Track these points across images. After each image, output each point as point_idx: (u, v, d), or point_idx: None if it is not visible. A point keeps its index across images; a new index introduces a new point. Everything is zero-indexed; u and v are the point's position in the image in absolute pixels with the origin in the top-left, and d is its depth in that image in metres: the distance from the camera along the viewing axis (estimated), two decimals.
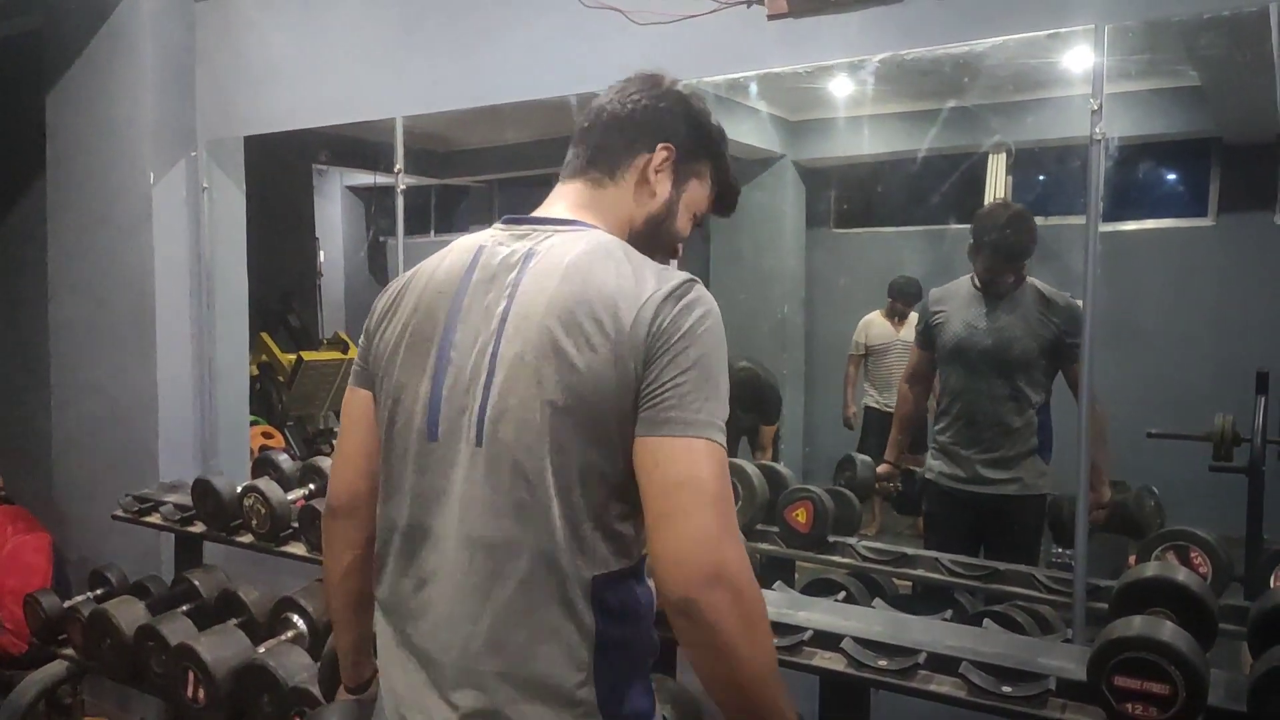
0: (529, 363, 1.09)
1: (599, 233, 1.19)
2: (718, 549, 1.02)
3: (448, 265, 1.22)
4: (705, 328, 1.09)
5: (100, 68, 3.25)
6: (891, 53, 2.14)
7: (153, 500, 2.91)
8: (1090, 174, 1.84)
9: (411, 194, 2.90)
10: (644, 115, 1.24)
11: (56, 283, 3.48)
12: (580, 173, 1.26)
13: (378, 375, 1.24)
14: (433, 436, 1.15)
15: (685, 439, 1.04)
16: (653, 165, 1.23)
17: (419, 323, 1.19)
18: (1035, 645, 1.73)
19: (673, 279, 1.11)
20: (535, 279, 1.13)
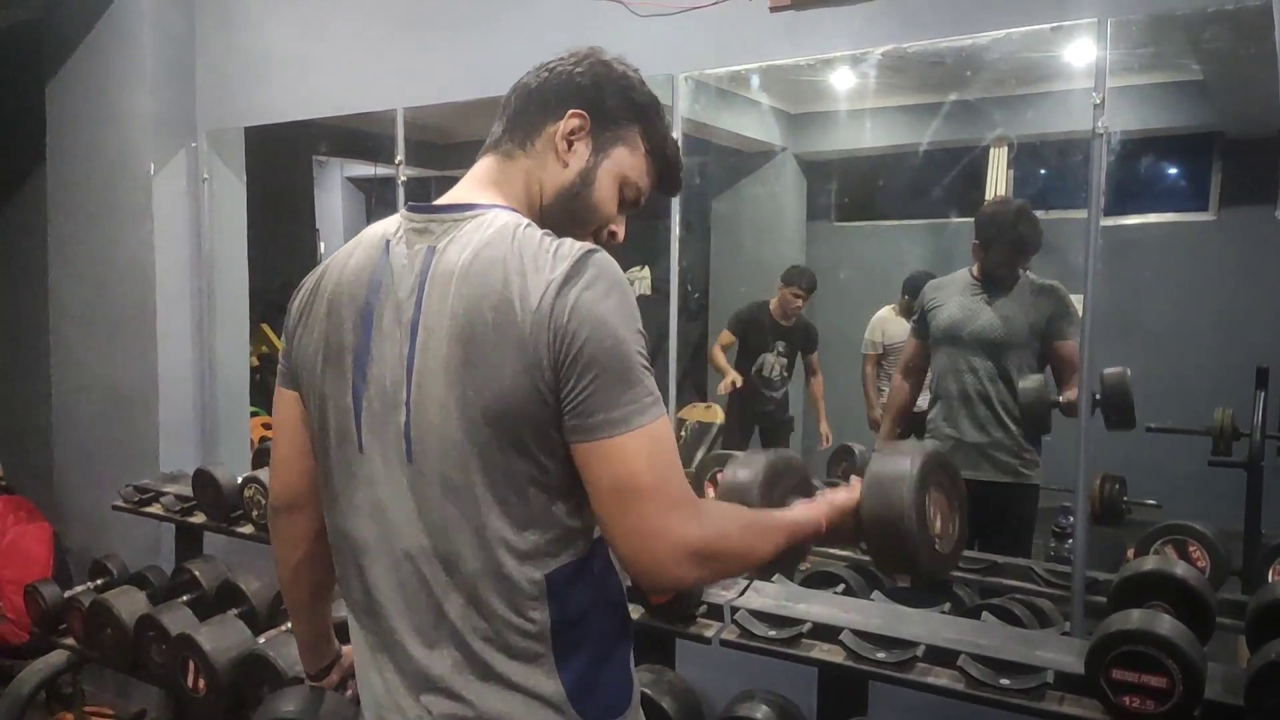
0: (443, 379, 1.05)
1: (498, 215, 1.11)
2: (670, 536, 1.01)
3: (354, 265, 1.16)
4: (605, 307, 1.02)
5: (100, 58, 3.25)
6: (894, 45, 2.13)
7: (153, 491, 2.91)
8: (1092, 168, 1.85)
9: (412, 185, 2.89)
10: (556, 83, 1.18)
11: (57, 273, 3.47)
12: (493, 146, 1.21)
13: (301, 383, 1.21)
14: (361, 449, 1.13)
15: (615, 439, 1.01)
16: (560, 133, 1.16)
17: (330, 332, 1.15)
18: (1033, 638, 1.73)
19: (565, 260, 1.03)
20: (437, 284, 1.08)
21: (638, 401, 1.02)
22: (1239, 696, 1.40)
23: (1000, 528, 2.58)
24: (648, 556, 1.02)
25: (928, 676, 1.64)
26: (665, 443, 1.04)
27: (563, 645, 1.10)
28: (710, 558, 1.04)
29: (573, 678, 1.10)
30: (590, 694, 1.12)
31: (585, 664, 1.12)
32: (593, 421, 1.01)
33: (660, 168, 1.24)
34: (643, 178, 1.22)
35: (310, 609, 1.41)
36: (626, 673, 1.19)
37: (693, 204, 2.64)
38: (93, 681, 3.26)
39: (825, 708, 1.79)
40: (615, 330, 1.02)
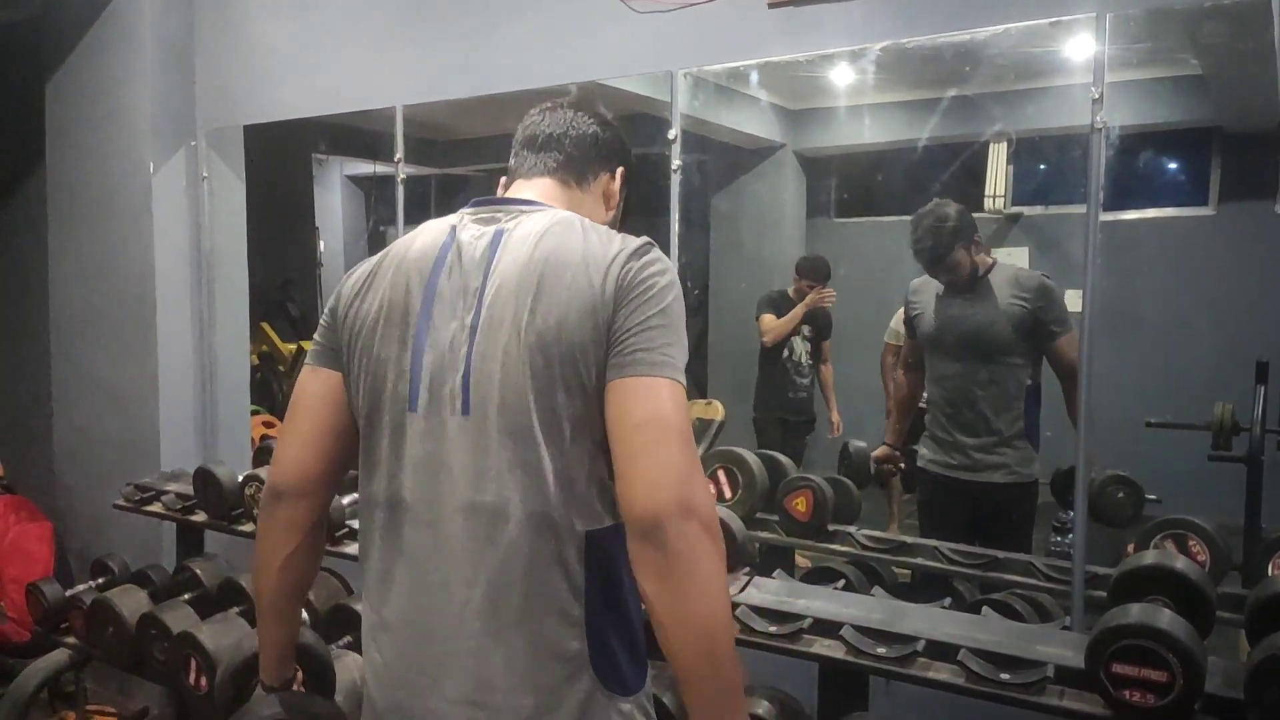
0: (509, 328, 1.14)
1: (562, 210, 1.26)
2: (687, 482, 1.06)
3: (420, 245, 1.26)
4: (667, 281, 1.17)
5: (99, 56, 3.25)
6: (892, 41, 2.13)
7: (154, 489, 2.91)
8: (1091, 163, 1.84)
9: (411, 183, 2.89)
10: (607, 139, 1.38)
11: (57, 272, 3.47)
12: (551, 173, 1.34)
13: (351, 354, 1.25)
14: (414, 408, 1.18)
15: (650, 378, 1.10)
16: (615, 184, 1.39)
17: (395, 300, 1.22)
18: (1033, 633, 1.74)
19: (634, 241, 1.19)
20: (509, 251, 1.19)
21: (675, 360, 1.13)
22: (1239, 690, 1.40)
23: (999, 526, 2.58)
24: (667, 493, 1.05)
25: (928, 671, 1.64)
26: (687, 410, 1.12)
27: (595, 608, 1.13)
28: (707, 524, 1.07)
29: (598, 643, 1.13)
30: (611, 662, 1.15)
31: (611, 632, 1.15)
32: (631, 359, 1.11)
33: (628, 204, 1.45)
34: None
35: (286, 609, 1.39)
36: (643, 652, 1.21)
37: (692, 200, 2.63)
38: (95, 680, 3.26)
39: (826, 702, 1.79)
40: (670, 299, 1.16)
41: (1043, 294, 2.55)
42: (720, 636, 1.07)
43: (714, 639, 1.07)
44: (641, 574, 1.07)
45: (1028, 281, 2.60)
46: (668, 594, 1.05)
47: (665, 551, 1.04)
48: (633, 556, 1.07)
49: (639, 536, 1.06)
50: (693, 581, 1.05)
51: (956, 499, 2.68)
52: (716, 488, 2.35)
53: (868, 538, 2.35)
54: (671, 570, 1.04)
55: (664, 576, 1.05)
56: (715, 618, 1.07)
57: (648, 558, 1.05)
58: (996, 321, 2.58)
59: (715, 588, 1.07)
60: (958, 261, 2.62)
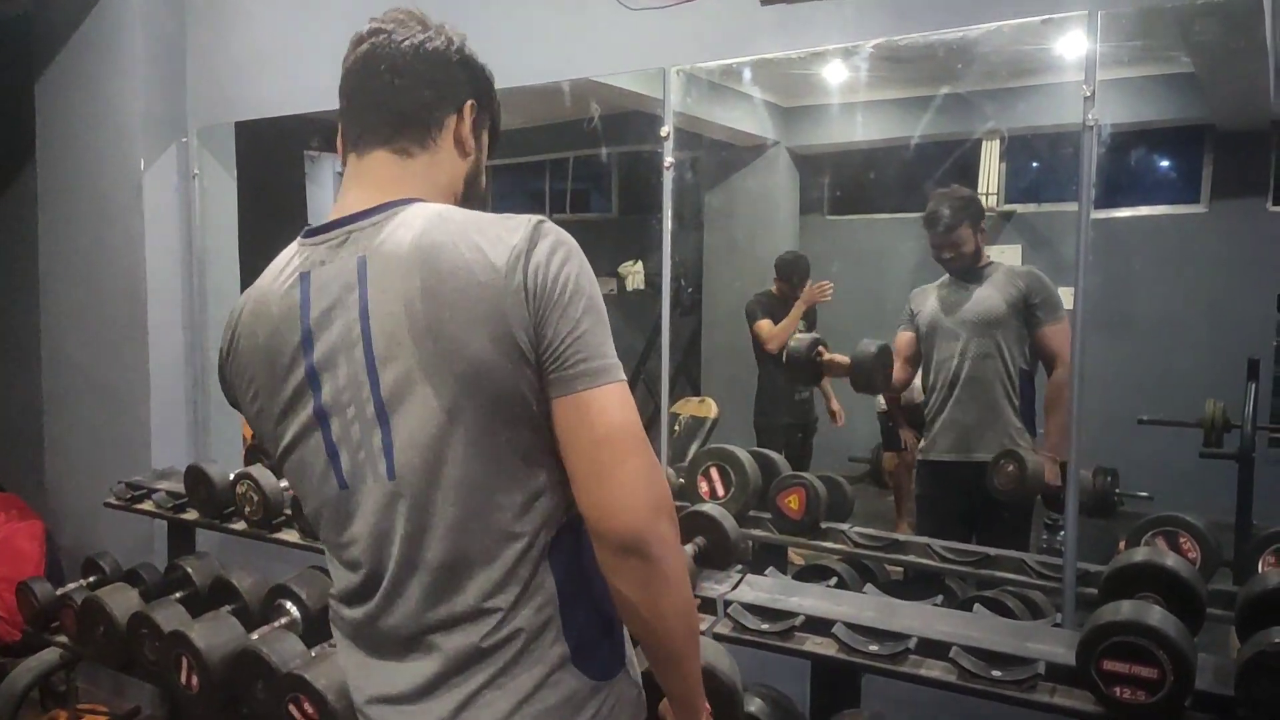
0: (416, 379, 1.03)
1: (417, 207, 1.09)
2: (652, 488, 1.04)
3: (277, 311, 1.11)
4: (576, 265, 1.04)
5: (89, 53, 3.23)
6: (885, 38, 2.13)
7: (145, 487, 2.91)
8: (1082, 160, 1.84)
9: None
10: (444, 73, 1.16)
11: (48, 270, 3.46)
12: (385, 142, 1.14)
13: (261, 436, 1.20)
14: (343, 485, 1.11)
15: (598, 389, 1.03)
16: (466, 124, 1.18)
17: (275, 384, 1.12)
18: (1025, 630, 1.74)
19: (519, 227, 1.04)
20: (381, 287, 1.05)
21: (611, 357, 1.05)
22: (1229, 687, 1.41)
23: (997, 515, 2.58)
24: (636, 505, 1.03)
25: (920, 669, 1.64)
26: (633, 405, 1.06)
27: (568, 606, 1.11)
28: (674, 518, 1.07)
29: (576, 640, 1.12)
30: (590, 652, 1.13)
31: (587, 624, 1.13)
32: (574, 372, 1.03)
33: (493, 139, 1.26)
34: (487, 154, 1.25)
35: None
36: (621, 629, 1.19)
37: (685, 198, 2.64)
38: (86, 679, 3.25)
39: (818, 700, 1.80)
40: (587, 287, 1.05)
41: (1032, 279, 2.68)
42: (693, 619, 1.13)
43: (690, 623, 1.12)
44: (622, 582, 1.06)
45: (1021, 271, 2.77)
46: (651, 597, 1.06)
47: (648, 560, 1.04)
48: (610, 567, 1.06)
49: (618, 550, 1.04)
50: (670, 577, 1.07)
51: (956, 488, 2.71)
52: (709, 485, 2.35)
53: (860, 535, 2.35)
54: (654, 576, 1.05)
55: (648, 583, 1.05)
56: (689, 603, 1.12)
57: (630, 568, 1.05)
58: (991, 297, 2.69)
59: (685, 577, 1.11)
60: (964, 238, 2.73)
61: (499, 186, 6.38)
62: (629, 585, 1.06)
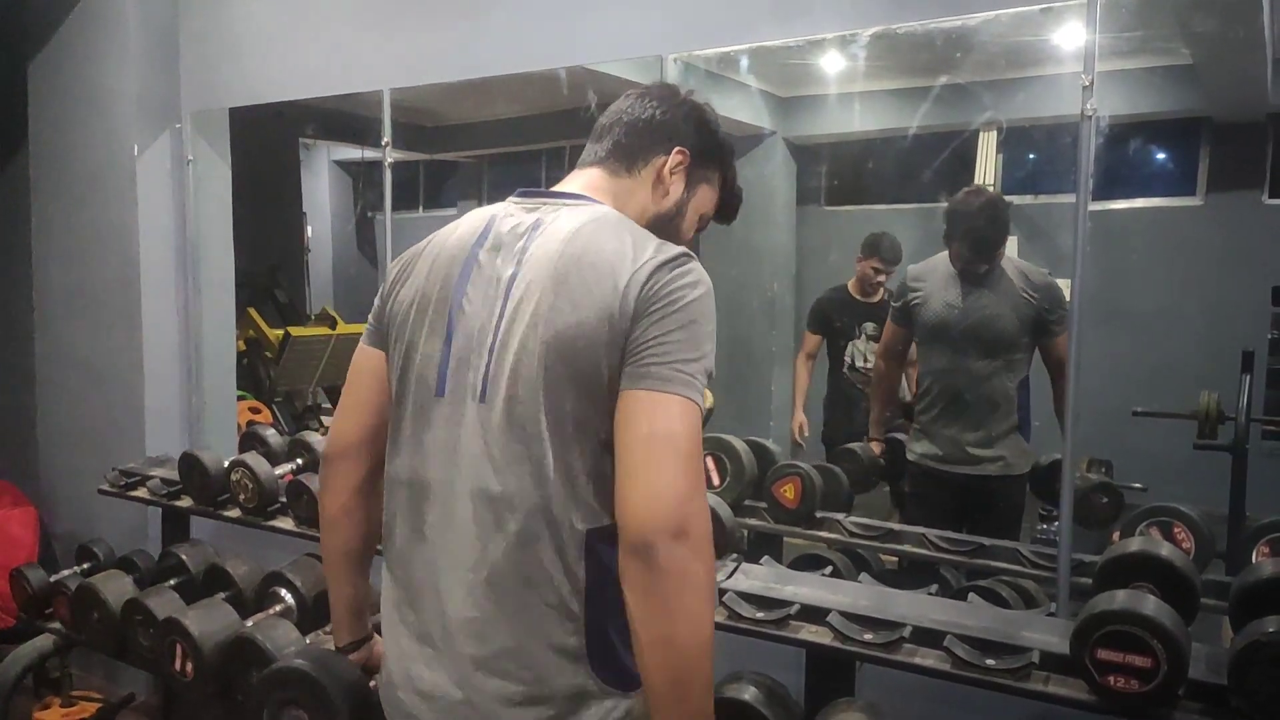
0: (529, 321, 1.14)
1: (605, 207, 1.24)
2: (685, 503, 1.05)
3: (459, 234, 1.27)
4: (697, 295, 1.13)
5: (83, 38, 3.21)
6: (883, 27, 2.13)
7: (139, 474, 2.90)
8: (1080, 151, 1.84)
9: (399, 169, 2.88)
10: (662, 119, 1.31)
11: (41, 256, 3.44)
12: (598, 162, 1.31)
13: (391, 337, 1.29)
14: (440, 392, 1.20)
15: (664, 394, 1.08)
16: (668, 166, 1.30)
17: (430, 287, 1.24)
18: (1019, 619, 1.74)
19: (671, 250, 1.16)
20: (541, 245, 1.18)
21: (694, 378, 1.10)
22: (1222, 676, 1.41)
23: (989, 517, 2.58)
24: (665, 509, 1.04)
25: (914, 657, 1.65)
26: (699, 431, 1.10)
27: (594, 605, 1.14)
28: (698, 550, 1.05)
29: (597, 639, 1.14)
30: (609, 658, 1.15)
31: (612, 629, 1.15)
32: (646, 371, 1.09)
33: (726, 204, 1.40)
34: (711, 209, 1.39)
35: (344, 568, 1.44)
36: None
37: None
38: (80, 665, 3.25)
39: (813, 688, 1.80)
40: (696, 315, 1.12)
41: (1050, 292, 2.54)
42: (695, 664, 1.06)
43: (688, 666, 1.06)
44: (627, 586, 1.07)
45: (1037, 279, 2.58)
46: (649, 611, 1.05)
47: (653, 569, 1.04)
48: (621, 568, 1.07)
49: (629, 550, 1.05)
50: (677, 605, 1.04)
51: (948, 492, 2.66)
52: (705, 474, 2.34)
53: (855, 524, 2.35)
54: (656, 589, 1.04)
55: (648, 593, 1.05)
56: (692, 644, 1.06)
57: (635, 572, 1.05)
58: (1006, 314, 2.56)
59: (697, 614, 1.05)
60: (1001, 252, 2.60)
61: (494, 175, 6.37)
62: (631, 590, 1.06)
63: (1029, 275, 2.60)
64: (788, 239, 5.06)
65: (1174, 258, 4.18)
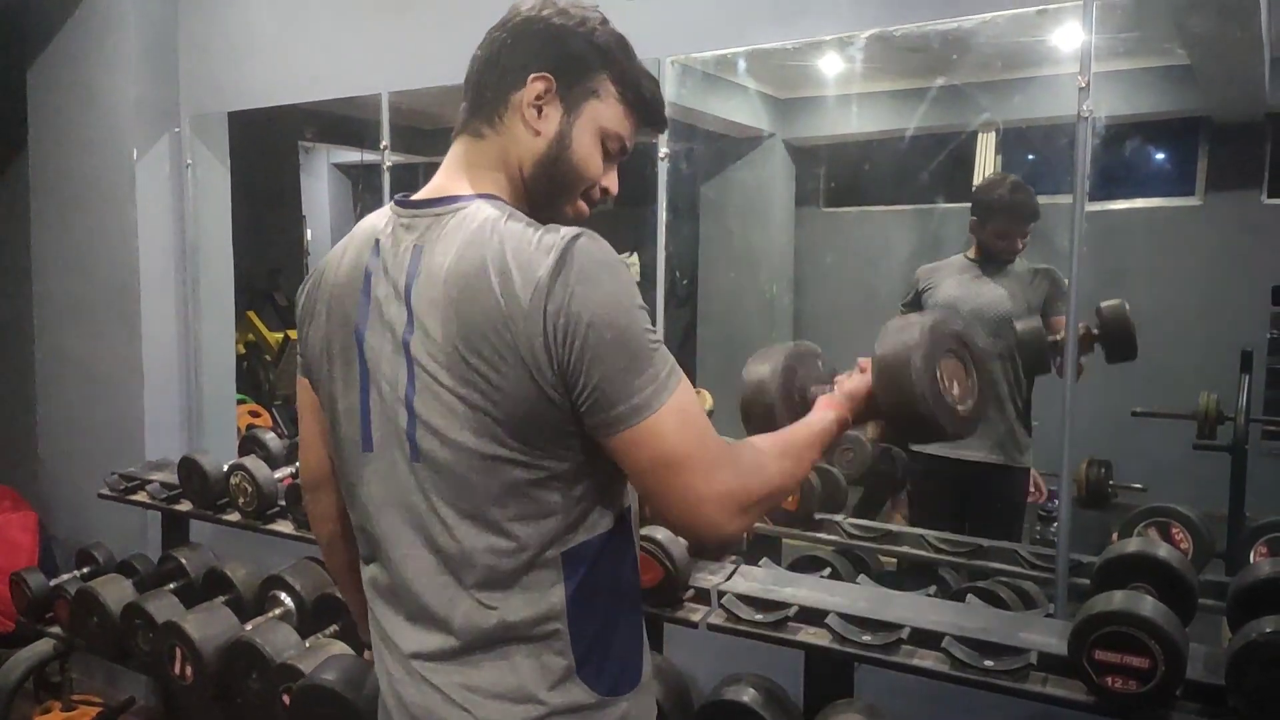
0: (445, 382, 1.04)
1: (479, 207, 1.08)
2: (717, 498, 1.03)
3: (348, 265, 1.15)
4: (598, 297, 0.99)
5: (82, 42, 3.21)
6: (880, 29, 2.13)
7: (139, 479, 2.90)
8: (1077, 152, 1.84)
9: (398, 171, 2.87)
10: (509, 50, 1.12)
11: (40, 260, 3.45)
12: (463, 129, 1.16)
13: (313, 379, 1.23)
14: (368, 447, 1.13)
15: (642, 424, 1.01)
16: (526, 101, 1.11)
17: (334, 332, 1.15)
18: (1017, 620, 1.74)
19: (549, 254, 1.00)
20: (425, 288, 1.06)
21: (655, 381, 1.01)
22: (1220, 676, 1.41)
23: (990, 510, 2.59)
24: (702, 521, 1.04)
25: (913, 659, 1.64)
26: (691, 410, 1.04)
27: (576, 620, 1.11)
28: (757, 502, 1.08)
29: (584, 650, 1.11)
30: (600, 665, 1.13)
31: (598, 637, 1.13)
32: (615, 414, 1.01)
33: (639, 108, 1.18)
34: (622, 124, 1.16)
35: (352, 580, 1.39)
36: (637, 647, 1.19)
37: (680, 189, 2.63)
38: (80, 670, 3.24)
39: (812, 690, 1.80)
40: (614, 319, 1.00)
41: (1054, 283, 2.62)
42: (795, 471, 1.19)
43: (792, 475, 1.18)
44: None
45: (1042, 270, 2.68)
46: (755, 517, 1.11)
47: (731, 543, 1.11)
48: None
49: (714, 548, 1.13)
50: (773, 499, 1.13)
51: (949, 483, 2.68)
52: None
53: (854, 526, 2.35)
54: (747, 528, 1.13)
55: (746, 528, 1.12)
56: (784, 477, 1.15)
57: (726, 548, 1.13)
58: (1014, 299, 2.63)
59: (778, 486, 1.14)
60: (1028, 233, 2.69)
61: None
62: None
63: (1035, 267, 2.70)
64: (786, 240, 5.06)
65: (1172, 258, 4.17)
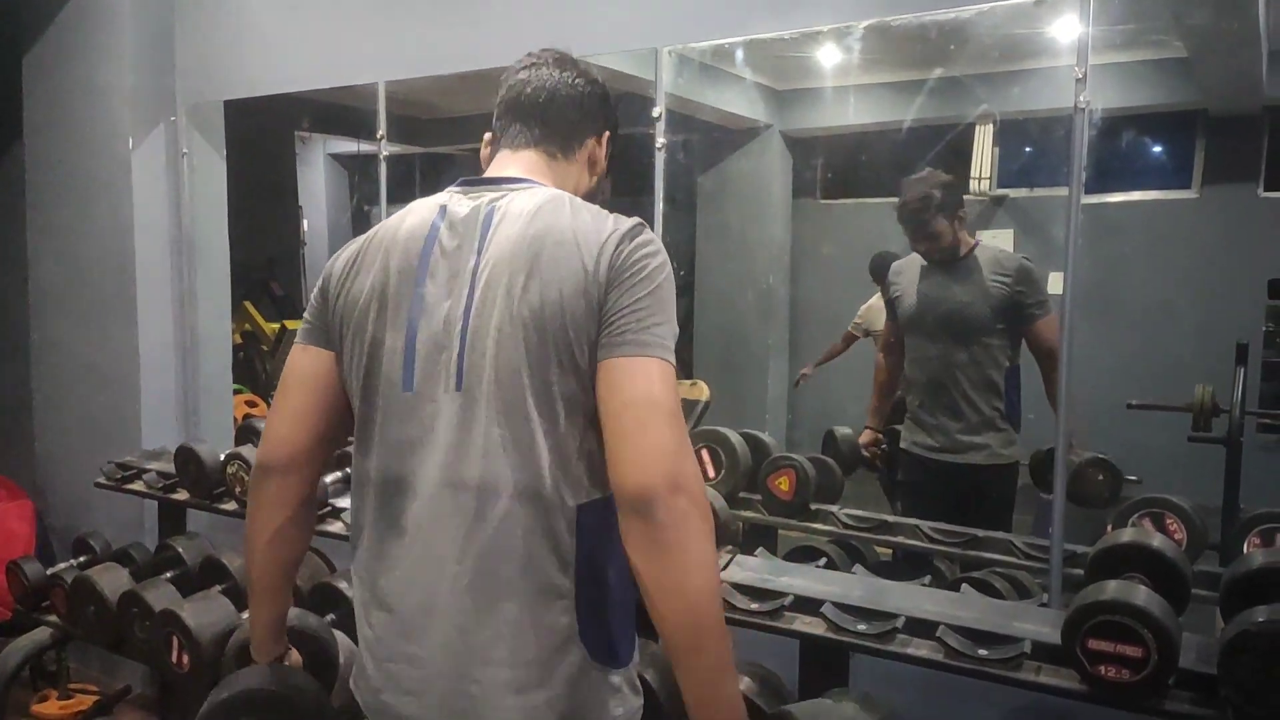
0: (502, 304, 1.15)
1: (554, 189, 1.27)
2: (676, 459, 1.08)
3: (410, 224, 1.26)
4: (658, 263, 1.18)
5: (78, 31, 3.20)
6: (878, 19, 2.12)
7: (135, 468, 2.90)
8: (1073, 144, 1.84)
9: (395, 162, 2.87)
10: (591, 101, 1.37)
11: (36, 249, 3.44)
12: (534, 144, 1.34)
13: (343, 335, 1.26)
14: (408, 387, 1.19)
15: (641, 358, 1.12)
16: (601, 150, 1.39)
17: (386, 281, 1.23)
18: (1011, 609, 1.76)
19: (627, 221, 1.21)
20: (503, 229, 1.20)
21: (663, 339, 1.14)
22: (1212, 665, 1.42)
23: (979, 508, 2.59)
24: (656, 469, 1.06)
25: (908, 648, 1.65)
26: (676, 386, 1.13)
27: (584, 581, 1.15)
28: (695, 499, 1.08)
29: (588, 615, 1.15)
30: (601, 634, 1.16)
31: (601, 604, 1.16)
32: (621, 339, 1.12)
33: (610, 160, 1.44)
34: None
35: (276, 586, 1.39)
36: (631, 625, 1.23)
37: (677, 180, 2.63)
38: (77, 658, 3.25)
39: (807, 679, 1.81)
40: (658, 280, 1.17)
41: (1023, 275, 2.55)
42: (708, 608, 1.09)
43: (702, 610, 1.08)
44: (632, 548, 1.09)
45: (1008, 263, 2.60)
46: (657, 567, 1.07)
47: (655, 526, 1.06)
48: (624, 531, 1.09)
49: (630, 512, 1.07)
50: (682, 554, 1.07)
51: (937, 480, 2.68)
52: (700, 467, 2.36)
53: (849, 516, 2.36)
54: (661, 544, 1.06)
55: (654, 550, 1.07)
56: (704, 589, 1.08)
57: (638, 532, 1.07)
58: (976, 300, 2.58)
59: (704, 561, 1.09)
60: (939, 231, 2.62)
61: None
62: (634, 550, 1.08)
63: (1001, 261, 2.61)
64: (783, 232, 5.07)
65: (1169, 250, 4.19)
